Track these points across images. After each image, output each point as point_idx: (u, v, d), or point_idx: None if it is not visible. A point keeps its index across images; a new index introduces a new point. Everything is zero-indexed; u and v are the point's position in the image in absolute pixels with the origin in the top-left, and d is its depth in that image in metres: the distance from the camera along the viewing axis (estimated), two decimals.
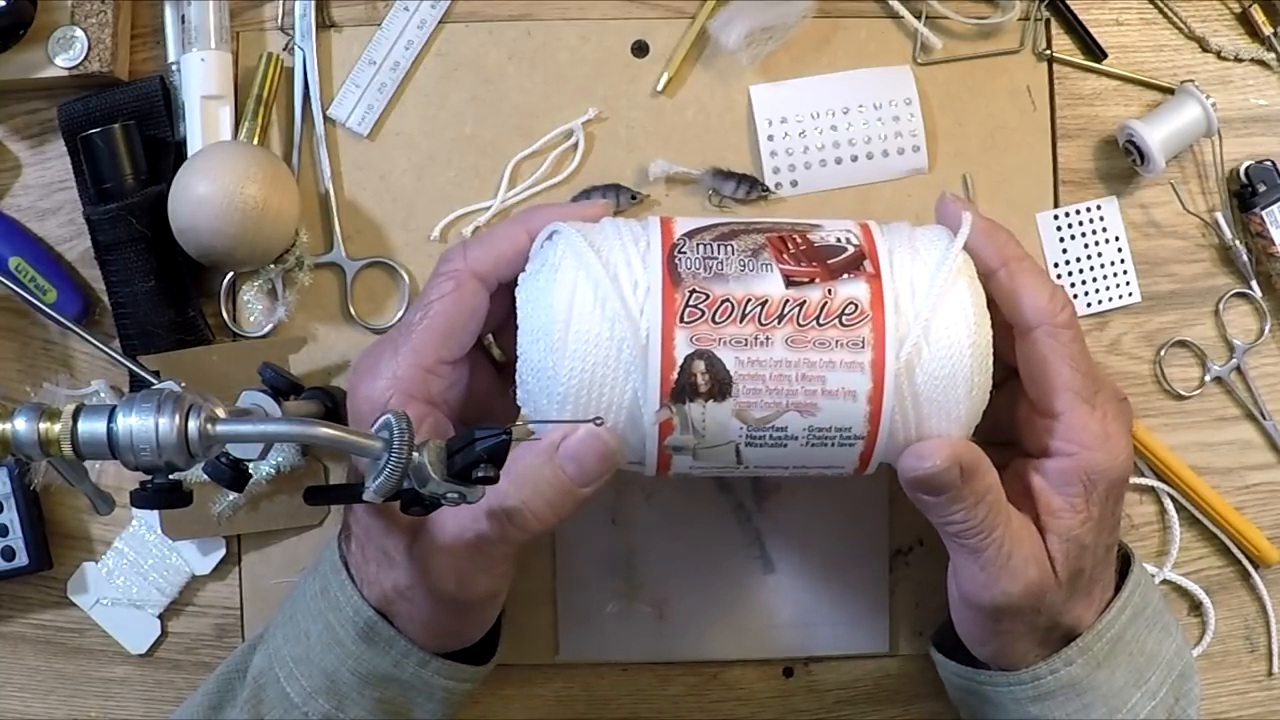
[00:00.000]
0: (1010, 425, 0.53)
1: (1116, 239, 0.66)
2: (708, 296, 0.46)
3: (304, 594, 0.54)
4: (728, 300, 0.46)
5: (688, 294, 0.46)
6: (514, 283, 0.50)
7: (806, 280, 0.46)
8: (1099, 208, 0.65)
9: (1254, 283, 0.65)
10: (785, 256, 0.47)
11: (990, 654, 0.53)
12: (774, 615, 0.64)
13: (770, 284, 0.46)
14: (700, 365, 0.45)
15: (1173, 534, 0.65)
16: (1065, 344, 0.48)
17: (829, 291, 0.46)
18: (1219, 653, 0.66)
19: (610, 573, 0.63)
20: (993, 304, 0.49)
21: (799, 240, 0.48)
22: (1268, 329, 0.66)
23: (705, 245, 0.47)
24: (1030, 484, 0.50)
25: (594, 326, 0.46)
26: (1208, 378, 0.66)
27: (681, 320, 0.45)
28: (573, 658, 0.64)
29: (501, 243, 0.51)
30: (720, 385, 0.46)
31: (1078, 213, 0.65)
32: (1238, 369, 0.66)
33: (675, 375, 0.45)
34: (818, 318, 0.46)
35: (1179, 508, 0.65)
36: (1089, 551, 0.50)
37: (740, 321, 0.45)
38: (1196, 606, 0.66)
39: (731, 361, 0.45)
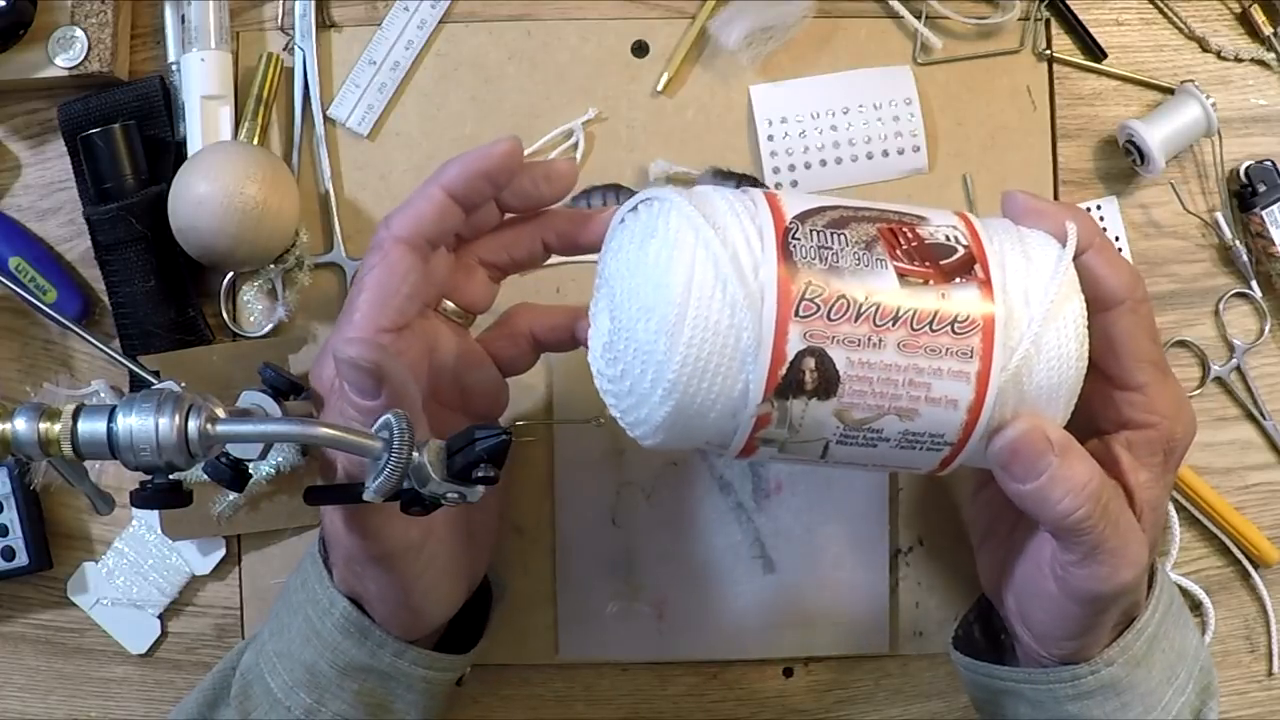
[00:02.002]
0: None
1: (1116, 239, 0.66)
2: (824, 290, 0.44)
3: (289, 589, 0.54)
4: (844, 297, 0.44)
5: (804, 286, 0.43)
6: (450, 244, 0.50)
7: (921, 281, 0.45)
8: (1099, 208, 0.65)
9: (1254, 283, 0.65)
10: (899, 253, 0.45)
11: (1077, 648, 0.51)
12: (774, 615, 0.64)
13: (885, 282, 0.44)
14: (810, 363, 0.43)
15: (1173, 534, 0.65)
16: (1145, 317, 0.49)
17: (943, 296, 0.45)
18: (1219, 653, 0.66)
19: (610, 573, 0.63)
20: None
21: (910, 235, 0.46)
22: (1268, 329, 0.66)
23: (819, 232, 0.45)
24: (1116, 458, 0.50)
25: (714, 313, 0.43)
26: (1208, 378, 0.66)
27: (797, 314, 0.43)
28: (573, 658, 0.64)
29: (420, 203, 0.50)
30: (827, 384, 0.44)
31: None
32: (1238, 369, 0.66)
33: (784, 371, 0.43)
34: (931, 323, 0.44)
35: (1179, 508, 0.65)
36: (1162, 517, 0.51)
37: (855, 321, 0.44)
38: (1196, 606, 0.66)
39: (842, 361, 0.44)
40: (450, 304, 0.54)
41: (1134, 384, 0.49)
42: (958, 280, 0.45)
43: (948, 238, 0.46)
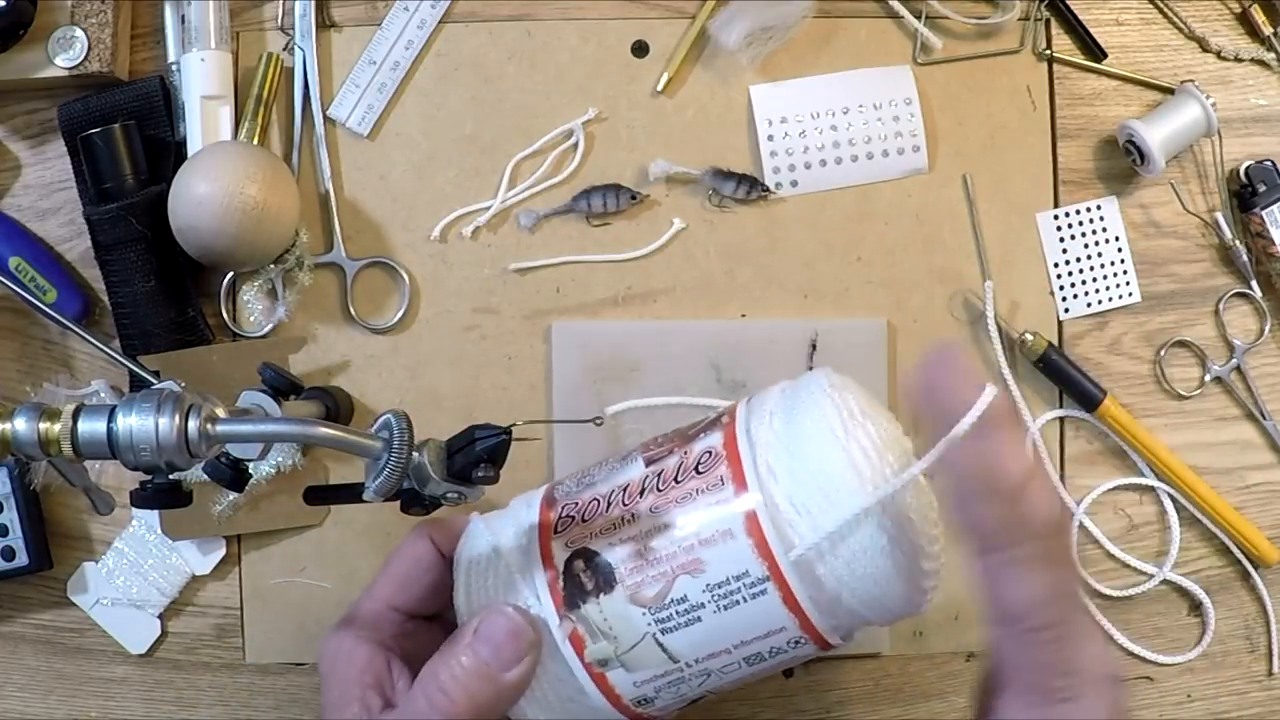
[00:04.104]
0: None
1: (1116, 239, 0.66)
2: (577, 504, 0.46)
3: None
4: (595, 500, 0.46)
5: (560, 509, 0.46)
6: None
7: (666, 453, 0.46)
8: (1099, 208, 0.66)
9: (1254, 283, 0.65)
10: (652, 446, 0.47)
11: None
12: None
13: (633, 471, 0.46)
14: (579, 564, 0.45)
15: (1173, 534, 0.65)
16: (1030, 647, 0.40)
17: (685, 453, 0.45)
18: (1219, 653, 0.66)
19: None
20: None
21: (668, 433, 0.48)
22: (1268, 329, 0.66)
23: (583, 473, 0.48)
24: None
25: (501, 590, 0.47)
26: (1208, 378, 0.66)
27: (555, 532, 0.46)
28: None
29: (460, 524, 0.51)
30: (604, 576, 0.44)
31: (1078, 213, 0.65)
32: (1238, 369, 0.66)
33: (561, 583, 0.45)
34: (676, 476, 0.45)
35: (1179, 508, 0.65)
36: None
37: (607, 510, 0.45)
38: (1196, 606, 0.66)
39: (607, 549, 0.45)
40: None
41: (1005, 708, 0.41)
42: (701, 435, 0.45)
43: (705, 415, 0.47)
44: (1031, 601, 0.39)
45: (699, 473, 0.44)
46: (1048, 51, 0.65)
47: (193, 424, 0.40)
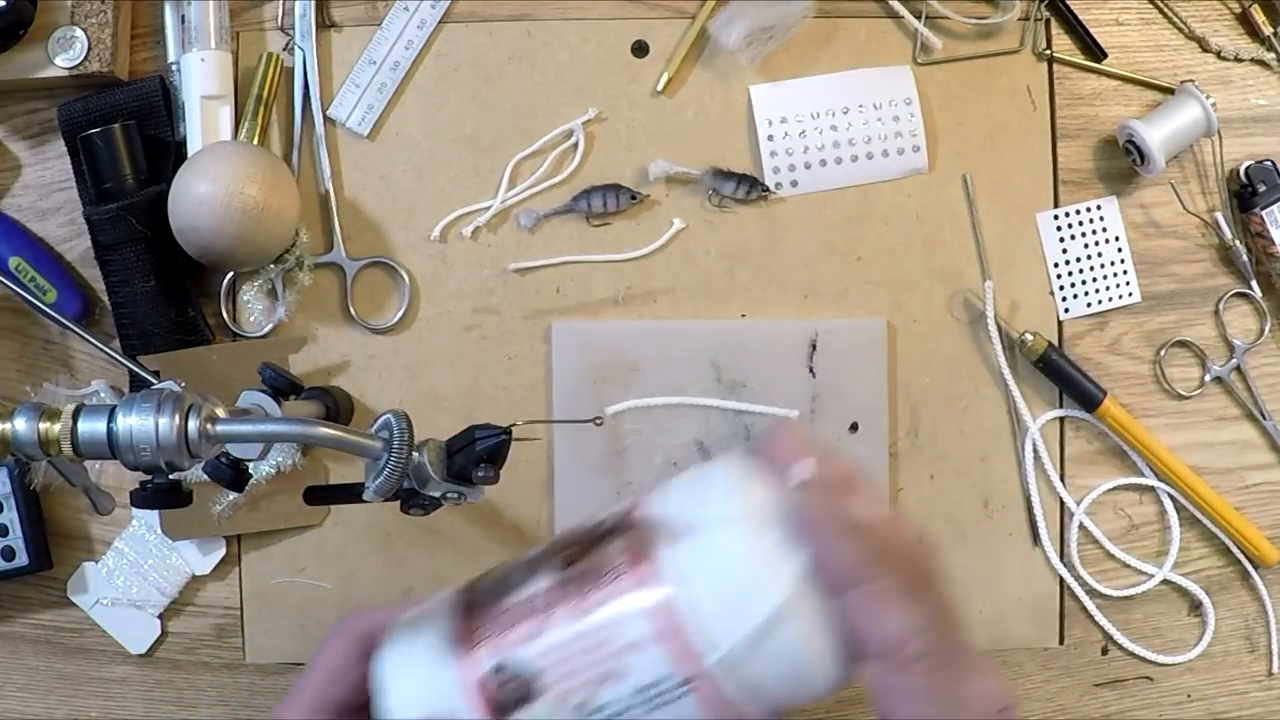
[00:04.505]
0: None
1: (1116, 239, 0.66)
2: (493, 613, 0.46)
3: None
4: (512, 607, 0.46)
5: (479, 616, 0.46)
6: None
7: (580, 555, 0.45)
8: (1099, 208, 0.66)
9: (1254, 283, 0.65)
10: (567, 544, 0.46)
11: None
12: None
13: (549, 575, 0.45)
14: (503, 673, 0.45)
15: (1173, 534, 0.65)
16: (911, 678, 0.40)
17: (599, 555, 0.45)
18: (1219, 653, 0.66)
19: None
20: None
21: (578, 532, 0.47)
22: (1268, 329, 0.66)
23: (499, 574, 0.47)
24: None
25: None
26: (1208, 378, 0.66)
27: (476, 640, 0.45)
28: None
29: (386, 616, 0.49)
30: (527, 685, 0.44)
31: (1078, 213, 0.65)
32: (1238, 369, 0.66)
33: (488, 693, 0.45)
34: (591, 581, 0.45)
35: (1179, 508, 0.65)
36: None
37: (528, 620, 0.45)
38: (1196, 606, 0.66)
39: (527, 658, 0.45)
40: None
41: None
42: (611, 537, 0.45)
43: (613, 512, 0.47)
44: (903, 632, 0.40)
45: (612, 577, 0.44)
46: (1048, 51, 0.65)
47: (193, 424, 0.40)
